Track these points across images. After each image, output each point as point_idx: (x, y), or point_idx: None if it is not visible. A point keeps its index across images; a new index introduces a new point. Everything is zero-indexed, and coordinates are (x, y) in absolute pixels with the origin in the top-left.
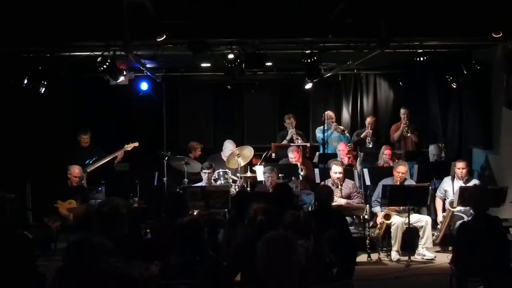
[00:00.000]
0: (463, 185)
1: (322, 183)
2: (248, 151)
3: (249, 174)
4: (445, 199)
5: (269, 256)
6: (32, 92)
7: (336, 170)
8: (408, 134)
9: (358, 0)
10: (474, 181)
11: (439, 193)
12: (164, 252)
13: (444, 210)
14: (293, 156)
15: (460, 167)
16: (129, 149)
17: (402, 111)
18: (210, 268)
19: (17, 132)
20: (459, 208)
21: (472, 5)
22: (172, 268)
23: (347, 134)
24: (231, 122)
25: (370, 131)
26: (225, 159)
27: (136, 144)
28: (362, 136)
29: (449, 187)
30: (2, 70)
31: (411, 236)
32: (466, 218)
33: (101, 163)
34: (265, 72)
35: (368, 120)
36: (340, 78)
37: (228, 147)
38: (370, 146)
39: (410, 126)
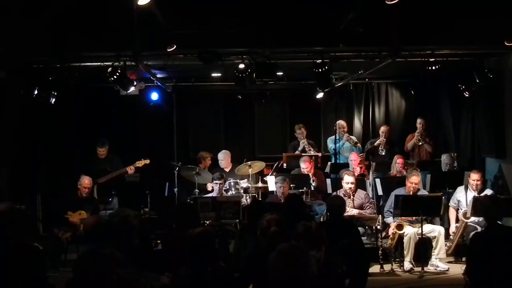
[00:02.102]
0: (477, 196)
1: (334, 193)
2: (259, 164)
3: (260, 184)
4: (458, 209)
5: (281, 267)
6: (42, 103)
7: (348, 180)
8: (420, 143)
9: (369, 9)
10: (487, 191)
11: (452, 203)
12: (175, 263)
13: (457, 220)
14: (305, 166)
15: (474, 179)
16: (140, 166)
17: (418, 120)
18: (222, 279)
19: (27, 143)
20: (472, 218)
21: (484, 13)
22: (183, 279)
23: (360, 145)
24: (242, 132)
25: (384, 139)
26: (226, 170)
27: (147, 161)
28: (376, 144)
29: (463, 198)
30: (13, 80)
31: (424, 247)
32: (479, 229)
33: (110, 176)
34: (276, 81)
35: (382, 128)
36: (351, 87)
37: (221, 157)
38: (383, 154)
39: (426, 136)
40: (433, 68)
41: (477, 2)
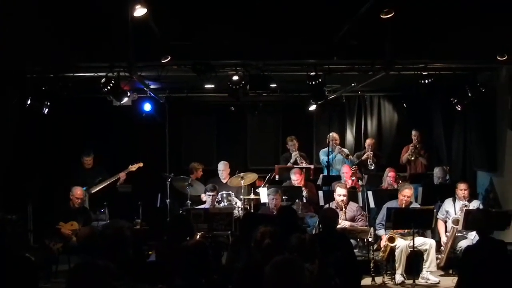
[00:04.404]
0: (465, 203)
1: (326, 205)
2: (252, 176)
3: (252, 196)
4: (446, 221)
5: (277, 280)
6: (35, 113)
7: (340, 192)
8: (412, 158)
9: (363, 22)
10: (476, 202)
11: (440, 215)
12: (168, 275)
13: (446, 231)
14: (296, 178)
15: (462, 188)
16: (134, 169)
17: (413, 133)
18: None
19: (19, 153)
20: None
21: (477, 28)
22: None
23: (351, 158)
24: (234, 143)
25: (371, 152)
26: (224, 181)
27: (141, 164)
28: (363, 158)
29: (451, 208)
30: (6, 90)
31: (415, 260)
32: (469, 237)
33: (104, 184)
34: (269, 93)
35: (368, 142)
36: (344, 100)
37: (221, 168)
38: (372, 168)
39: (420, 149)
40: (426, 81)
41: (470, 17)
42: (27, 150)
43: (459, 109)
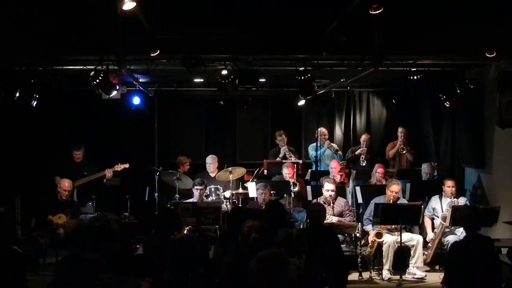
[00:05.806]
0: (452, 200)
1: (314, 200)
2: (240, 170)
3: (241, 190)
4: (433, 218)
5: (261, 275)
6: (24, 105)
7: (328, 187)
8: (404, 152)
9: (352, 18)
10: (463, 199)
11: (427, 212)
12: (156, 268)
13: (433, 229)
14: (288, 172)
15: (449, 185)
16: (119, 169)
17: (399, 129)
18: (203, 285)
19: (7, 145)
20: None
21: (466, 24)
22: (164, 285)
23: (340, 153)
24: (223, 137)
25: (365, 148)
26: (212, 175)
27: (127, 165)
28: (356, 153)
29: (437, 205)
30: None
31: (402, 255)
32: (457, 233)
33: (88, 179)
34: (258, 88)
35: (363, 137)
36: (333, 95)
37: (209, 162)
38: (364, 164)
39: (406, 145)
40: (415, 77)
41: (460, 14)
42: (15, 142)
43: (448, 105)
